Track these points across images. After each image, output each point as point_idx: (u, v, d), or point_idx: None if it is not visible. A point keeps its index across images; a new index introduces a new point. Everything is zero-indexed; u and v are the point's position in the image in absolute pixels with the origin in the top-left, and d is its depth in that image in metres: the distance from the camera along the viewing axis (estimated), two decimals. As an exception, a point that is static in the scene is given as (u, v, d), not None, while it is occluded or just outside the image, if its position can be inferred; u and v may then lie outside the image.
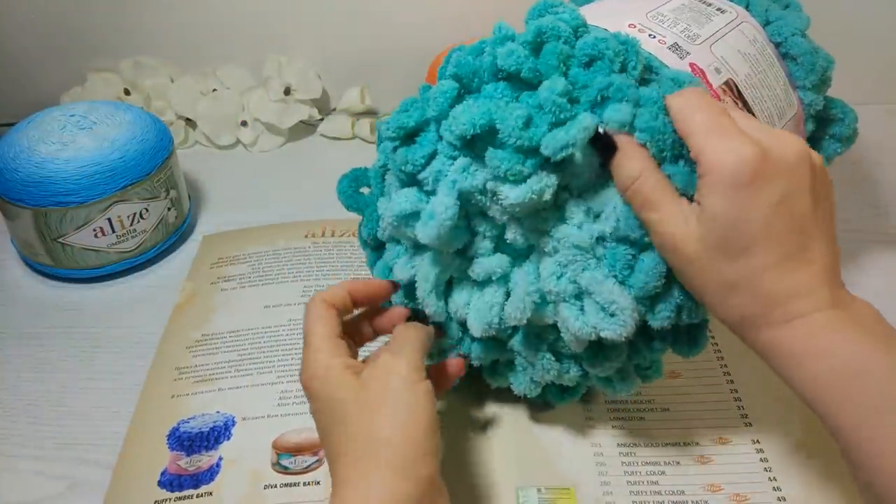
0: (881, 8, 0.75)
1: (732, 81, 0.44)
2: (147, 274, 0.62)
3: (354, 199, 0.48)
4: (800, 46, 0.47)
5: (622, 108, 0.35)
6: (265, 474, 0.45)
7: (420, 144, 0.39)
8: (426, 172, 0.39)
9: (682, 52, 0.43)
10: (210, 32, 0.77)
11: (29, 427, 0.49)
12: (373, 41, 0.78)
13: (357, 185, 0.48)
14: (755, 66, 0.45)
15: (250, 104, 0.76)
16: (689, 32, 0.44)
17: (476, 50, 0.40)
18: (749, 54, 0.45)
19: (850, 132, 0.51)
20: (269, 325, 0.55)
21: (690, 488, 0.44)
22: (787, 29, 0.47)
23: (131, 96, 0.76)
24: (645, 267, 0.37)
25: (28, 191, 0.56)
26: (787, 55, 0.47)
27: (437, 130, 0.39)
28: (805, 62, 0.47)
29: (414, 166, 0.39)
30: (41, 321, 0.57)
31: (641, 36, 0.43)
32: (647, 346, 0.42)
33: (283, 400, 0.49)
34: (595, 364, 0.42)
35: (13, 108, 0.78)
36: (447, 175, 0.38)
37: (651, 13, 0.45)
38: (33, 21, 0.76)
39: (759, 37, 0.47)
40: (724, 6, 0.47)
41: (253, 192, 0.72)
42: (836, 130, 0.51)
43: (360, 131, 0.79)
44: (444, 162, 0.38)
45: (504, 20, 0.39)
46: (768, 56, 0.47)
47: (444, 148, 0.38)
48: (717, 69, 0.43)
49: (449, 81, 0.39)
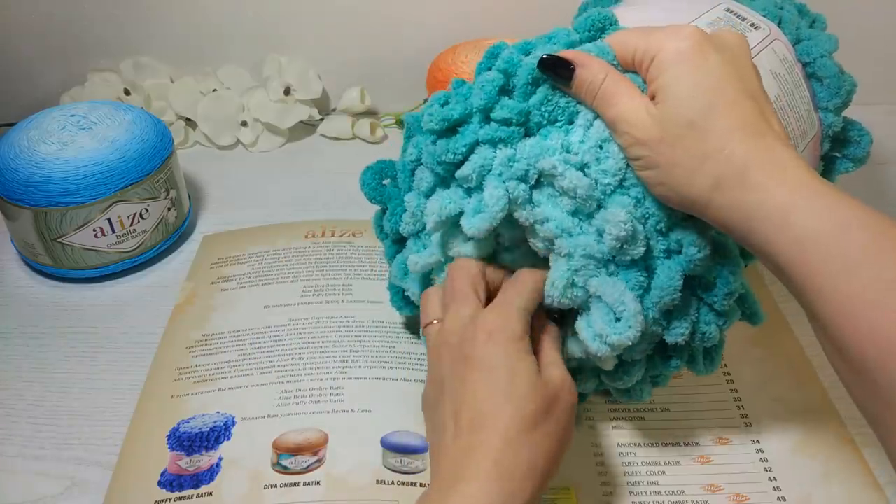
0: (881, 8, 0.75)
1: None
2: (147, 274, 0.62)
3: (378, 192, 0.48)
4: (828, 69, 0.46)
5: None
6: (265, 474, 0.45)
7: (462, 134, 0.39)
8: (469, 167, 0.39)
9: None
10: (210, 32, 0.77)
11: (29, 427, 0.49)
12: (373, 41, 0.78)
13: (380, 178, 0.48)
14: (784, 86, 0.45)
15: (250, 104, 0.76)
16: None
17: (523, 49, 0.41)
18: (779, 74, 0.45)
19: (864, 154, 0.51)
20: (269, 325, 0.55)
21: (690, 488, 0.44)
22: (817, 50, 0.47)
23: (131, 96, 0.76)
24: (659, 283, 0.37)
25: (28, 191, 0.56)
26: (813, 75, 0.47)
27: (480, 122, 0.39)
28: (831, 85, 0.47)
29: (455, 155, 0.39)
30: (41, 321, 0.57)
31: None
32: (665, 363, 0.42)
33: (283, 400, 0.49)
34: (615, 378, 0.43)
35: (13, 108, 0.78)
36: (492, 168, 0.38)
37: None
38: (33, 21, 0.76)
39: (788, 56, 0.46)
40: (757, 22, 0.47)
41: (253, 192, 0.72)
42: (850, 151, 0.51)
43: (360, 131, 0.79)
44: (486, 154, 0.39)
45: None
46: (796, 76, 0.46)
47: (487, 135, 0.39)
48: None
49: (495, 73, 0.39)
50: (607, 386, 0.44)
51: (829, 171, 0.52)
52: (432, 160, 0.41)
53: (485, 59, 0.42)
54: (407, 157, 0.45)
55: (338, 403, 0.49)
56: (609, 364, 0.40)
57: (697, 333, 0.40)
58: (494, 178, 0.38)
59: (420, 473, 0.44)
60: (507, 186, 0.38)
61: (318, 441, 0.46)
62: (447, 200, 0.40)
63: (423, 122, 0.40)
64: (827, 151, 0.50)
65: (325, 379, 0.51)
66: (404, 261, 0.47)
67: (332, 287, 0.58)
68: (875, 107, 0.75)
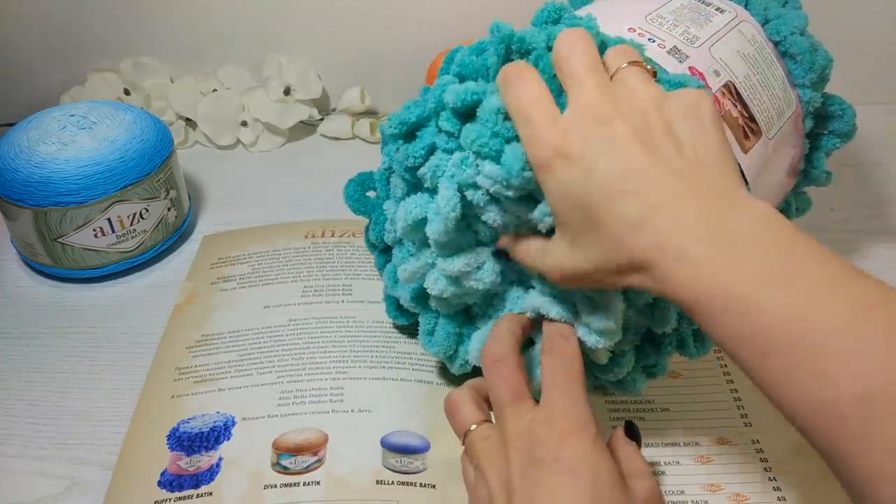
0: (880, 8, 0.75)
1: (731, 84, 0.44)
2: (147, 274, 0.62)
3: (362, 204, 0.48)
4: (799, 45, 0.47)
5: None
6: (265, 474, 0.45)
7: (420, 138, 0.39)
8: (425, 168, 0.39)
9: (681, 56, 0.43)
10: (210, 32, 0.77)
11: (29, 427, 0.49)
12: (373, 41, 0.78)
13: (364, 189, 0.49)
14: (754, 66, 0.45)
15: (250, 104, 0.76)
16: (689, 35, 0.44)
17: (476, 49, 0.40)
18: (748, 55, 0.45)
19: (849, 128, 0.51)
20: (269, 325, 0.55)
21: (690, 488, 0.44)
22: (786, 27, 0.47)
23: (131, 96, 0.76)
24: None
25: (28, 191, 0.56)
26: (786, 53, 0.48)
27: (437, 124, 0.39)
28: (804, 61, 0.47)
29: (415, 159, 0.39)
30: (41, 321, 0.57)
31: (641, 40, 0.43)
32: (656, 350, 0.42)
33: (283, 400, 0.49)
34: (606, 371, 0.43)
35: (13, 108, 0.78)
36: (445, 170, 0.38)
37: (650, 16, 0.45)
38: (33, 21, 0.76)
39: (757, 36, 0.47)
40: (723, 6, 0.47)
41: (253, 192, 0.72)
42: (835, 126, 0.52)
43: (360, 131, 0.79)
44: (441, 157, 0.39)
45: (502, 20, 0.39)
46: (767, 55, 0.47)
47: (441, 141, 0.39)
48: (717, 71, 0.43)
49: (450, 77, 0.39)
50: (601, 381, 0.44)
51: (815, 148, 0.52)
52: (400, 167, 0.41)
53: (444, 63, 0.42)
54: (382, 166, 0.45)
55: (338, 403, 0.49)
56: (602, 357, 0.41)
57: (685, 317, 0.40)
58: (447, 179, 0.38)
59: (420, 473, 0.44)
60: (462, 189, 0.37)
61: (318, 441, 0.46)
62: (412, 205, 0.40)
63: (384, 128, 0.41)
64: (811, 129, 0.50)
65: (325, 379, 0.51)
66: (394, 270, 0.47)
67: (331, 287, 0.58)
68: (875, 107, 0.75)
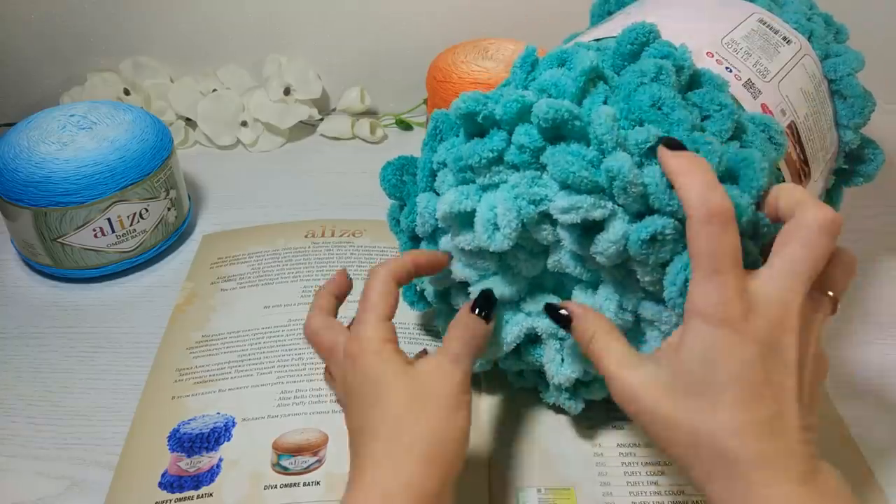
0: (881, 8, 0.75)
1: (794, 124, 0.43)
2: (147, 274, 0.62)
3: (398, 189, 0.47)
4: (854, 88, 0.47)
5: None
6: (265, 475, 0.45)
7: (490, 138, 0.38)
8: (492, 176, 0.39)
9: (755, 91, 0.42)
10: (210, 32, 0.77)
11: (29, 427, 0.49)
12: (373, 41, 0.78)
13: (401, 174, 0.47)
14: (812, 105, 0.45)
15: (250, 104, 0.76)
16: (760, 67, 0.44)
17: (558, 58, 0.40)
18: (808, 92, 0.45)
19: (874, 171, 0.52)
20: (269, 325, 0.55)
21: (690, 488, 0.44)
22: (844, 67, 0.47)
23: (131, 96, 0.76)
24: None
25: (28, 191, 0.56)
26: (837, 93, 0.47)
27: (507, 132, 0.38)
28: (855, 105, 0.47)
29: (482, 159, 0.38)
30: (41, 321, 0.57)
31: (719, 68, 0.42)
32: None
33: (283, 400, 0.49)
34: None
35: (13, 108, 0.78)
36: (508, 181, 0.38)
37: (726, 40, 0.44)
38: (33, 21, 0.76)
39: (817, 73, 0.46)
40: (789, 35, 0.46)
41: (253, 192, 0.72)
42: (862, 168, 0.52)
43: (359, 131, 0.79)
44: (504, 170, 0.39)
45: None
46: (822, 94, 0.46)
47: (513, 155, 0.38)
48: (783, 111, 0.43)
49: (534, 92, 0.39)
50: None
51: (838, 184, 0.52)
52: (460, 160, 0.40)
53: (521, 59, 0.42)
54: (435, 157, 0.43)
55: (337, 404, 0.49)
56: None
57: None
58: (508, 189, 0.38)
59: (420, 474, 0.44)
60: (519, 205, 0.37)
61: (318, 441, 0.46)
62: (463, 195, 0.40)
63: (453, 108, 0.39)
64: (839, 166, 0.50)
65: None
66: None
67: (332, 287, 0.58)
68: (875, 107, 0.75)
